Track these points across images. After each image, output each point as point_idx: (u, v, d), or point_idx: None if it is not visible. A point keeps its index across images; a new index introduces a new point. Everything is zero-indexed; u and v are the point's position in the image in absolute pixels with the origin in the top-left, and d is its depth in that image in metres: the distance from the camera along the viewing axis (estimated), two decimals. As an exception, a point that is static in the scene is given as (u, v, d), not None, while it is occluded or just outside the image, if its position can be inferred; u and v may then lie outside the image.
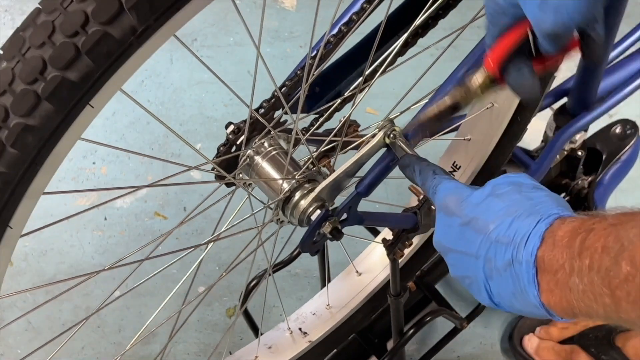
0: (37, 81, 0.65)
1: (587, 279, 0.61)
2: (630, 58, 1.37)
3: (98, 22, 0.64)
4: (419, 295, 1.51)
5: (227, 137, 0.94)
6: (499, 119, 1.22)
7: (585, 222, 0.64)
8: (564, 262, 0.63)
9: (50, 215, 1.65)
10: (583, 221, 0.65)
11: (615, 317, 0.61)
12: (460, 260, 0.76)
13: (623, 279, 0.58)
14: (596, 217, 0.64)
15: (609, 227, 0.61)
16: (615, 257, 0.59)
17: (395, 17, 1.01)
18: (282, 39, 2.07)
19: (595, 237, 0.61)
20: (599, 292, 0.60)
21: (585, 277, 0.61)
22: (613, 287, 0.59)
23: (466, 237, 0.74)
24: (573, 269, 0.62)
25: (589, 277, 0.61)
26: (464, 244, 0.74)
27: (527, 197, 0.72)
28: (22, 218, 0.72)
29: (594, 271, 0.60)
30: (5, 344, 1.63)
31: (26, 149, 0.66)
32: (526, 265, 0.67)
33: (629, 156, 1.53)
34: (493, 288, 0.73)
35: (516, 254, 0.68)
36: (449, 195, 0.78)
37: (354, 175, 0.96)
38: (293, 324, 1.36)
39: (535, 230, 0.67)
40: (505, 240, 0.69)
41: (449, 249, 0.77)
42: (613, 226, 0.61)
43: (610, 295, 0.59)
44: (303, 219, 0.96)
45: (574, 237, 0.63)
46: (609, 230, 0.61)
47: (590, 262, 0.61)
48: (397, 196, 1.73)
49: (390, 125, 0.93)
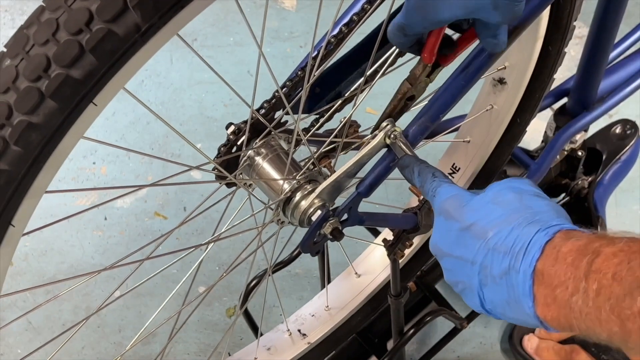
0: (40, 79, 0.65)
1: (594, 303, 0.61)
2: (630, 58, 1.38)
3: (102, 19, 0.64)
4: (419, 295, 1.52)
5: (228, 137, 0.94)
6: (498, 120, 1.23)
7: (592, 242, 0.64)
8: (566, 280, 0.63)
9: (50, 215, 1.66)
10: (589, 241, 0.64)
11: (621, 344, 0.61)
12: (456, 265, 0.76)
13: (637, 312, 0.58)
14: (603, 239, 0.64)
15: (619, 253, 0.61)
16: (629, 289, 0.59)
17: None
18: (282, 39, 2.08)
19: (605, 262, 0.61)
20: (606, 318, 0.60)
21: (591, 301, 0.61)
22: (624, 318, 0.59)
23: (464, 243, 0.74)
24: (577, 289, 0.62)
25: (595, 302, 0.61)
26: (461, 249, 0.74)
27: (527, 206, 0.72)
28: (24, 216, 0.72)
29: (603, 297, 0.60)
30: (5, 344, 1.63)
31: (29, 146, 0.66)
32: (523, 276, 0.67)
33: (629, 156, 1.54)
34: (487, 295, 0.73)
35: (514, 263, 0.68)
36: (449, 199, 0.79)
37: (355, 176, 0.96)
38: (292, 326, 1.36)
39: (534, 240, 0.67)
40: (504, 248, 0.69)
41: (445, 253, 0.77)
42: (624, 253, 0.61)
43: (620, 325, 0.59)
44: (304, 220, 0.96)
45: (580, 256, 0.63)
46: (620, 257, 0.60)
47: (599, 287, 0.60)
48: (397, 197, 1.73)
49: (391, 126, 0.93)
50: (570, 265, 0.63)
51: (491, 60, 0.92)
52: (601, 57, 1.27)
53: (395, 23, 0.83)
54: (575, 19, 1.07)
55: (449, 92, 0.92)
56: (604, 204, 1.51)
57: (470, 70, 0.92)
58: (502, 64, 1.16)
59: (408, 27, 0.82)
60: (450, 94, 0.92)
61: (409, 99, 0.93)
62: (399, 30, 0.83)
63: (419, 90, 0.92)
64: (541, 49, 1.11)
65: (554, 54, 1.12)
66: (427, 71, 0.89)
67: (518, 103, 1.20)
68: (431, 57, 0.87)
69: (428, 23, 0.80)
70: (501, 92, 1.20)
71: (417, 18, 0.80)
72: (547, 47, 1.10)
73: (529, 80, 1.16)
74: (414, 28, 0.81)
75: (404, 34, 0.83)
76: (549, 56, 1.12)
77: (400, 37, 0.84)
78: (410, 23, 0.81)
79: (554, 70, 1.15)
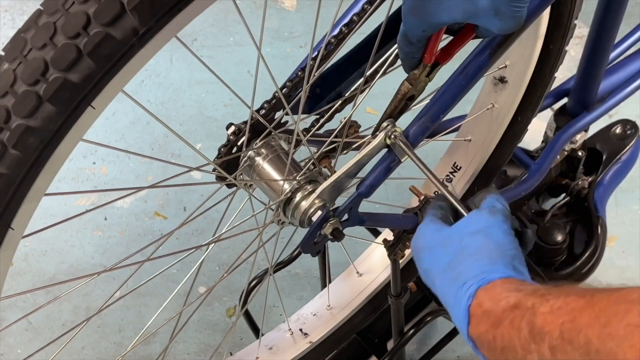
0: (38, 82, 0.65)
1: None
2: (631, 58, 1.37)
3: (100, 23, 0.64)
4: (419, 295, 1.51)
5: (228, 138, 0.94)
6: (499, 119, 1.22)
7: (523, 300, 0.66)
8: (513, 343, 0.65)
9: (50, 215, 1.66)
10: (519, 299, 0.66)
11: None
12: None
13: None
14: (532, 296, 0.65)
15: (558, 311, 0.62)
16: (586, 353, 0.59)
17: (396, 18, 1.01)
18: (282, 39, 2.07)
19: (547, 325, 0.62)
20: None
21: None
22: None
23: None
24: (529, 351, 0.63)
25: None
26: None
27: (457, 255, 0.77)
28: (23, 219, 0.72)
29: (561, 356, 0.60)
30: (5, 344, 1.63)
31: (28, 150, 0.66)
32: (466, 337, 0.72)
33: (629, 156, 1.53)
34: None
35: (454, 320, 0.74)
36: None
37: (355, 176, 0.96)
38: (294, 325, 1.36)
39: (458, 301, 0.73)
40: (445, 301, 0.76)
41: None
42: (563, 311, 0.61)
43: None
44: (304, 220, 0.96)
45: (517, 318, 0.65)
46: (561, 316, 0.61)
47: (551, 347, 0.61)
48: (397, 196, 1.73)
49: (392, 126, 0.93)
50: (509, 327, 0.65)
51: (492, 60, 0.91)
52: (601, 57, 1.26)
53: (400, 33, 0.83)
54: (576, 17, 1.07)
55: (450, 92, 0.92)
56: (604, 204, 1.51)
57: (471, 70, 0.91)
58: (503, 63, 1.16)
59: (409, 32, 0.82)
60: (450, 93, 0.92)
61: (409, 99, 0.93)
62: (403, 38, 0.83)
63: (419, 89, 0.92)
64: (542, 48, 1.10)
65: (554, 52, 1.11)
66: (427, 71, 0.90)
67: (519, 102, 1.19)
68: (431, 57, 0.87)
69: (426, 26, 0.80)
70: (502, 90, 1.19)
71: (414, 21, 0.80)
72: (547, 45, 1.10)
73: (530, 79, 1.16)
74: (414, 32, 0.81)
75: (408, 42, 0.83)
76: (550, 54, 1.12)
77: (407, 45, 0.84)
78: (409, 28, 0.81)
79: (555, 68, 1.15)
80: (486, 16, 0.77)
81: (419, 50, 0.85)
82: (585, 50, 1.27)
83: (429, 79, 0.91)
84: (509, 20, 0.78)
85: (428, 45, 0.85)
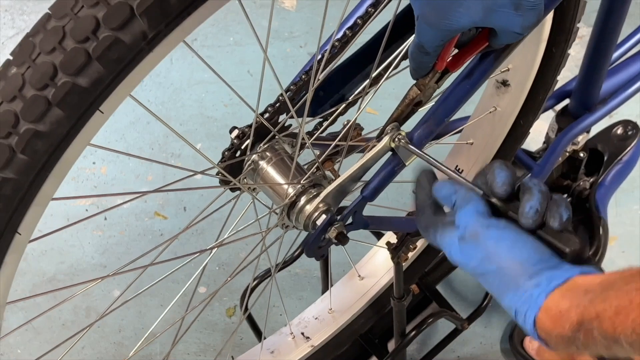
0: (47, 87, 0.64)
1: None
2: (633, 59, 1.37)
3: (109, 27, 0.64)
4: (420, 296, 1.51)
5: (232, 141, 0.94)
6: (501, 122, 1.22)
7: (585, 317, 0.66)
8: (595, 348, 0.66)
9: (50, 215, 1.66)
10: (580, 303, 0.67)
11: None
12: None
13: None
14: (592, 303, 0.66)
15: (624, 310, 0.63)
16: None
17: (401, 21, 1.01)
18: (282, 39, 2.07)
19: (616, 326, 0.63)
20: None
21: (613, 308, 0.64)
22: None
23: None
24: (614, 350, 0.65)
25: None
26: None
27: None
28: (30, 224, 0.71)
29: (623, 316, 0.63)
30: (5, 344, 1.63)
31: (36, 155, 0.66)
32: None
33: (631, 157, 1.53)
34: None
35: None
36: None
37: (360, 180, 0.96)
38: (295, 329, 1.36)
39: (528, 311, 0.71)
40: None
41: None
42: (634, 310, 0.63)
43: None
44: (308, 224, 0.96)
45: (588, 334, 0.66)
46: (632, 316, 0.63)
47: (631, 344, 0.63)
48: (399, 199, 1.73)
49: (396, 129, 0.93)
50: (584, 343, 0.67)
51: (496, 63, 0.91)
52: (604, 58, 1.26)
53: (413, 44, 0.83)
54: (578, 21, 1.07)
55: (454, 96, 0.92)
56: (605, 205, 1.51)
57: (475, 74, 0.91)
58: (506, 66, 1.16)
59: (427, 44, 0.81)
60: (455, 97, 0.92)
61: (416, 104, 0.92)
62: (419, 50, 0.82)
63: (427, 95, 0.92)
64: (545, 51, 1.10)
65: (557, 56, 1.11)
66: (437, 77, 0.89)
67: (521, 105, 1.19)
68: (443, 63, 0.86)
69: (445, 34, 0.79)
70: (505, 94, 1.19)
71: (431, 32, 0.79)
72: (550, 49, 1.10)
73: (532, 82, 1.16)
74: (432, 43, 0.81)
75: (425, 53, 0.82)
76: (553, 58, 1.12)
77: (422, 56, 0.83)
78: (426, 40, 0.80)
79: (557, 72, 1.15)
80: (506, 13, 0.76)
81: (434, 58, 0.85)
82: (587, 51, 1.27)
83: (437, 85, 0.91)
84: (530, 13, 0.76)
85: (441, 52, 0.85)
